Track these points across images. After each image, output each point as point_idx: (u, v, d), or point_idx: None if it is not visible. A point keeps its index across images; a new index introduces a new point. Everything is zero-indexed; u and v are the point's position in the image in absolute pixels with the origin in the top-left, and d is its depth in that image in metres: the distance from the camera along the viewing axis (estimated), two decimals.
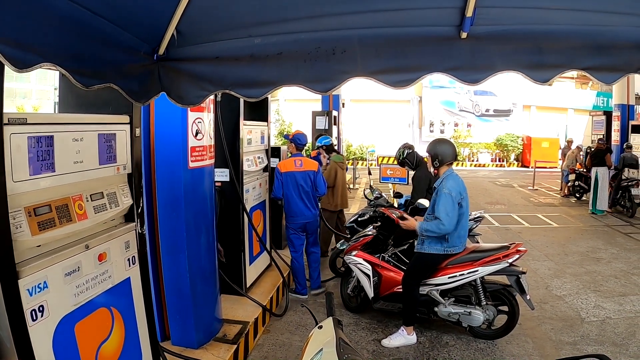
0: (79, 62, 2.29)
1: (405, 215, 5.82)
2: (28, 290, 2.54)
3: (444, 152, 5.38)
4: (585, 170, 15.73)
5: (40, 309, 2.63)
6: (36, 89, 33.20)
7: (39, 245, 2.69)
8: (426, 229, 5.23)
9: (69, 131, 2.90)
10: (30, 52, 1.96)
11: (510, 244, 5.59)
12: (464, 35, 2.85)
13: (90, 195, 3.11)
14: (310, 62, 2.96)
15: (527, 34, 2.82)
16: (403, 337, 5.63)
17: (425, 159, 5.49)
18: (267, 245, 7.49)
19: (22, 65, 1.89)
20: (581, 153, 17.02)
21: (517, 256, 5.42)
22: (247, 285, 6.66)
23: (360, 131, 31.14)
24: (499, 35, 2.86)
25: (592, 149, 15.06)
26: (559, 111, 33.89)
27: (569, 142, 18.34)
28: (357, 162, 22.04)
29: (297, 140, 7.16)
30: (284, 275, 7.02)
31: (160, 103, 3.62)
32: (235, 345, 5.04)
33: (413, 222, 5.46)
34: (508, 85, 30.64)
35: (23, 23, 1.95)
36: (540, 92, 31.60)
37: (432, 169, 5.46)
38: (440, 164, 5.38)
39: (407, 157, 7.22)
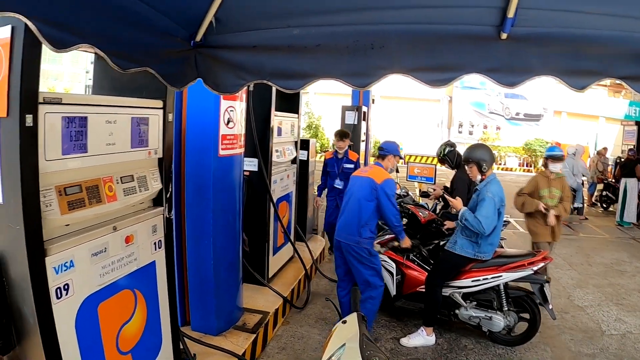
0: (116, 45, 2.30)
1: (452, 199, 5.64)
2: (54, 268, 2.57)
3: (490, 157, 5.33)
4: (614, 180, 15.39)
5: (66, 287, 2.66)
6: (68, 72, 33.68)
7: (68, 225, 2.73)
8: (466, 218, 5.11)
9: (103, 113, 2.92)
10: (69, 33, 1.96)
11: (536, 252, 5.52)
12: (504, 36, 2.78)
13: (121, 178, 3.13)
14: (349, 55, 2.93)
15: (566, 38, 2.74)
16: (422, 338, 5.58)
17: (470, 165, 5.34)
18: (292, 237, 7.48)
19: (61, 45, 1.90)
20: (605, 161, 16.65)
21: (542, 264, 5.37)
22: (269, 276, 6.67)
23: (389, 128, 30.92)
24: (538, 37, 2.77)
25: (622, 160, 14.72)
26: (590, 119, 33.07)
27: (601, 154, 17.57)
28: None
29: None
30: (307, 268, 7.02)
31: (193, 89, 3.63)
32: (254, 335, 5.05)
33: (460, 204, 5.39)
34: (539, 89, 30.08)
35: (64, 4, 1.96)
36: (572, 98, 30.87)
37: (479, 176, 5.32)
38: (488, 168, 5.30)
39: (447, 155, 7.14)
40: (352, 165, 7.90)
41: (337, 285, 5.74)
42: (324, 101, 30.30)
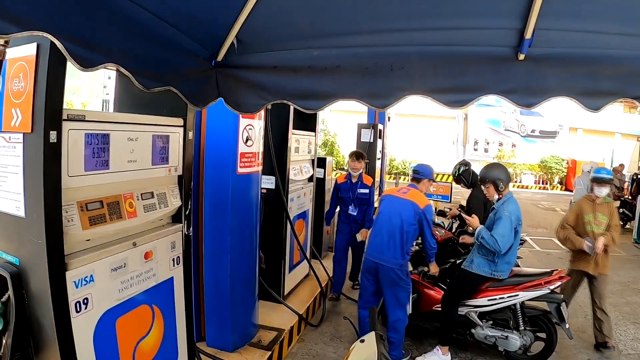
0: (141, 64, 2.34)
1: (469, 216, 5.58)
2: (74, 282, 2.60)
3: (506, 176, 5.36)
4: (630, 197, 15.16)
5: (85, 301, 2.69)
6: (86, 86, 33.98)
7: (89, 240, 2.76)
8: (482, 236, 5.09)
9: (125, 130, 2.97)
10: (95, 52, 2.00)
11: (553, 270, 5.48)
12: (521, 57, 2.78)
13: (141, 194, 3.17)
14: (368, 76, 2.95)
15: (583, 59, 2.73)
16: (438, 357, 5.52)
17: (487, 185, 5.34)
18: (308, 255, 7.47)
19: (88, 64, 1.93)
20: (622, 178, 16.38)
21: (559, 283, 5.34)
22: (285, 293, 6.67)
23: (404, 145, 30.89)
24: (556, 58, 2.77)
25: (639, 176, 14.51)
26: (606, 135, 32.57)
27: (617, 171, 17.26)
28: (400, 177, 21.89)
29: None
30: (322, 286, 7.00)
31: (212, 108, 3.67)
32: (270, 352, 5.04)
33: (477, 222, 5.37)
34: (555, 106, 29.69)
35: (90, 23, 2.01)
36: (588, 115, 30.07)
37: (496, 195, 5.32)
38: (505, 187, 5.31)
39: (463, 174, 7.11)
40: (367, 190, 7.52)
41: (361, 306, 5.62)
42: (340, 119, 30.30)
